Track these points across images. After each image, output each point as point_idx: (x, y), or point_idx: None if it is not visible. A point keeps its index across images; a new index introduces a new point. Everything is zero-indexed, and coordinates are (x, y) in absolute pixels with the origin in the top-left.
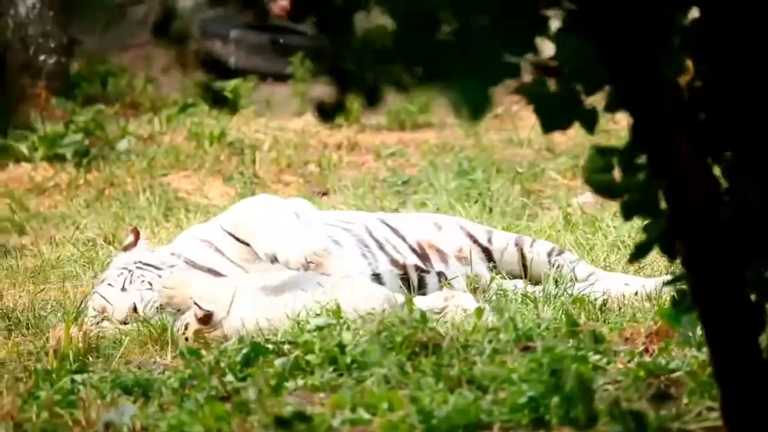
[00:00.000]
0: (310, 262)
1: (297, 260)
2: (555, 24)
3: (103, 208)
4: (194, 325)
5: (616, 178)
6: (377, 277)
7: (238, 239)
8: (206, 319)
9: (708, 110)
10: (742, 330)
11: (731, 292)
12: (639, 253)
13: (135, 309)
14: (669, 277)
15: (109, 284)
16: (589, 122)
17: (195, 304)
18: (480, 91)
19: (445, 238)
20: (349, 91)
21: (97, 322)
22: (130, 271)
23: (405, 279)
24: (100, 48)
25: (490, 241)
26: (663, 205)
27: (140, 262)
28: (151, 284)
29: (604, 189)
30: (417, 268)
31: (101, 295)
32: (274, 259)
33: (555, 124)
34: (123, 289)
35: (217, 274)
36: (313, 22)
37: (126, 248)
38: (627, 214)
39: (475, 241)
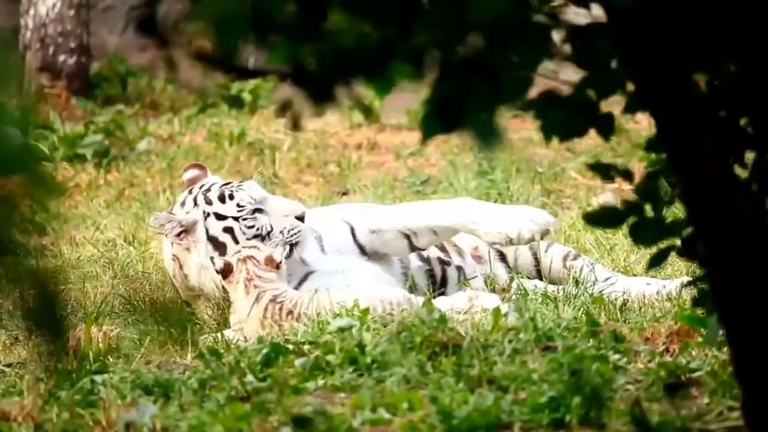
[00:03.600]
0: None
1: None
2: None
3: (123, 209)
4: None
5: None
6: (405, 274)
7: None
8: None
9: (729, 109)
10: (763, 329)
11: (752, 291)
12: (656, 260)
13: None
14: (689, 278)
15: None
16: (605, 128)
17: None
18: (492, 126)
19: (461, 235)
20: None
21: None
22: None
23: (430, 273)
24: (119, 48)
25: None
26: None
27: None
28: None
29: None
30: (440, 260)
31: None
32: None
33: (570, 133)
34: None
35: None
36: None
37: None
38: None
39: None
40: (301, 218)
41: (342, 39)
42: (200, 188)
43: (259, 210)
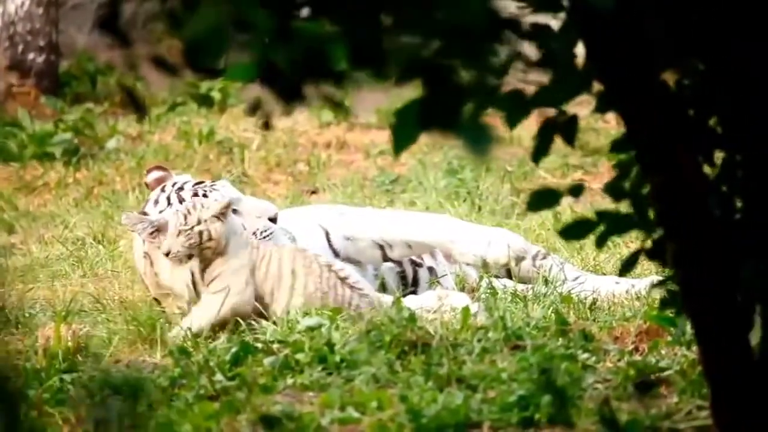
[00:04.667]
0: None
1: None
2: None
3: (92, 207)
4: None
5: None
6: (376, 276)
7: None
8: None
9: (698, 108)
10: (731, 328)
11: (721, 290)
12: (627, 265)
13: None
14: (659, 278)
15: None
16: (569, 133)
17: None
18: (483, 130)
19: None
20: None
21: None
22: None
23: (402, 274)
24: (89, 46)
25: None
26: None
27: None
28: None
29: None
30: (412, 261)
31: None
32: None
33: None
34: None
35: None
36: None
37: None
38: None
39: None
40: (273, 219)
41: (311, 40)
42: (173, 186)
43: (232, 210)
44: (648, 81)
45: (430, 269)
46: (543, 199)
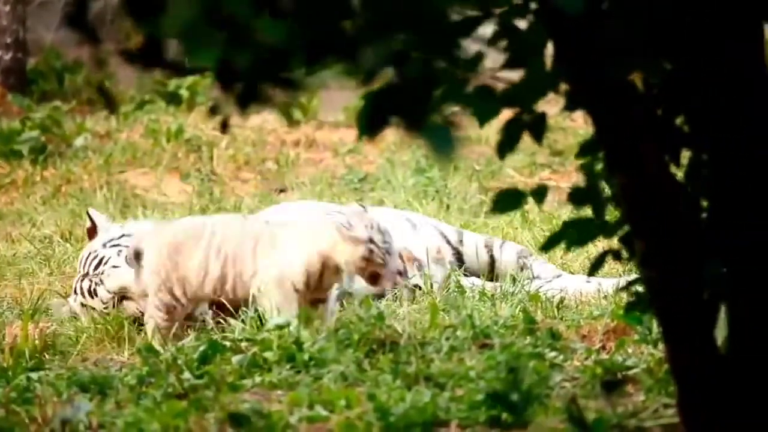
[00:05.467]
0: None
1: None
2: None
3: (59, 205)
4: None
5: None
6: None
7: None
8: None
9: (665, 108)
10: (698, 326)
11: (688, 288)
12: (595, 266)
13: None
14: (627, 278)
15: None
16: (538, 131)
17: None
18: (447, 133)
19: (421, 237)
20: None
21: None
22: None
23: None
24: (56, 44)
25: (461, 242)
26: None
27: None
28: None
29: None
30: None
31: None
32: None
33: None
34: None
35: None
36: None
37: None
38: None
39: (448, 242)
40: None
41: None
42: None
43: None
44: (616, 81)
45: (399, 273)
46: (507, 200)
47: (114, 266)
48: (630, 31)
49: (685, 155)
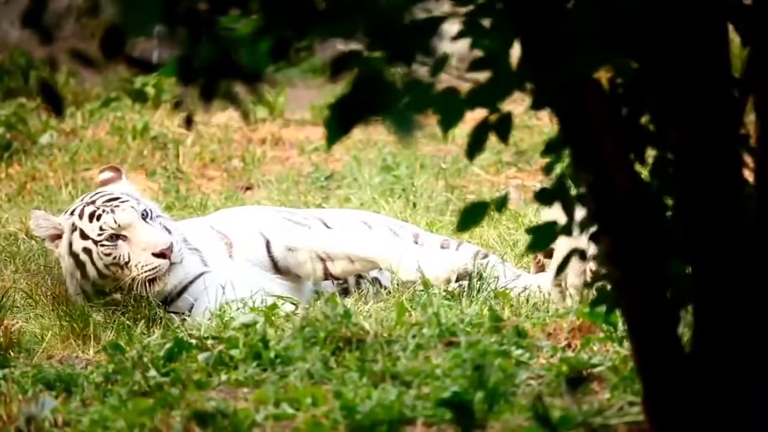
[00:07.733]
0: None
1: None
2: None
3: (24, 203)
4: None
5: None
6: (316, 293)
7: None
8: None
9: (630, 106)
10: (662, 324)
11: (652, 286)
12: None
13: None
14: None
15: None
16: (503, 130)
17: None
18: (408, 115)
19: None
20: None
21: None
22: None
23: (345, 289)
24: (21, 41)
25: (416, 242)
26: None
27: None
28: None
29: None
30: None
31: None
32: None
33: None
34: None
35: None
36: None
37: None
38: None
39: None
40: (161, 255)
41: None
42: (83, 200)
43: (122, 237)
44: (580, 80)
45: (375, 280)
46: (472, 215)
47: (132, 207)
48: (594, 28)
49: (650, 154)
